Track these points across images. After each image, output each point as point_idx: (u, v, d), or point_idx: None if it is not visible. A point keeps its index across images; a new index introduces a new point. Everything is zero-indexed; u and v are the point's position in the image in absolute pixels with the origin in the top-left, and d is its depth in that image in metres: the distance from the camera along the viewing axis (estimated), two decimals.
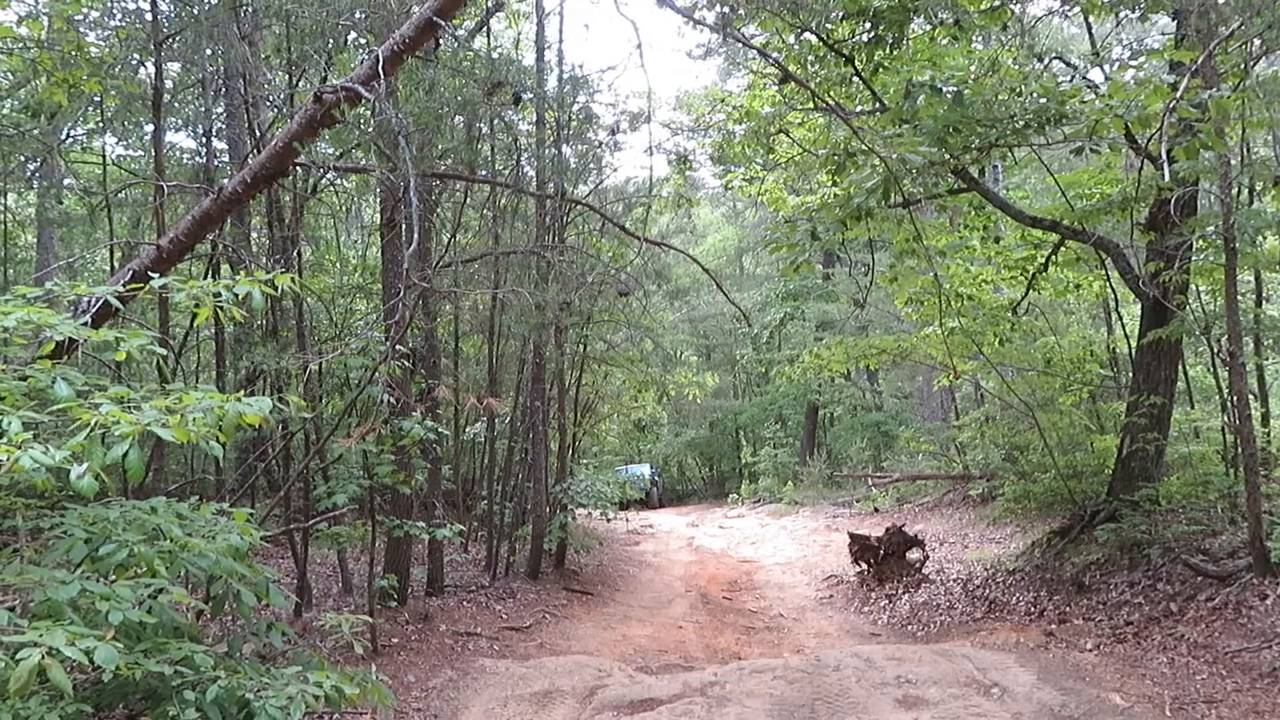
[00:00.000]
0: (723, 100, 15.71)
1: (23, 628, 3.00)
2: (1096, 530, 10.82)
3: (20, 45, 9.51)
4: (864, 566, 13.74)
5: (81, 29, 10.50)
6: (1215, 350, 11.31)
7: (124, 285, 4.78)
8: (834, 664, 7.81)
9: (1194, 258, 10.58)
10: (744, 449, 35.06)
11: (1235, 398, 9.26)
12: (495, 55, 12.28)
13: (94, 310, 4.83)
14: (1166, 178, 6.35)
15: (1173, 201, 8.77)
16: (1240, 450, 10.49)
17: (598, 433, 21.98)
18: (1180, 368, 11.96)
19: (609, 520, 16.60)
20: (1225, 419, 11.77)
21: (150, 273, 4.76)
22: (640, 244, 11.31)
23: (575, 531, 14.45)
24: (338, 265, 16.37)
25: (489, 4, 12.71)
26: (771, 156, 14.67)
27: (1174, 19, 10.30)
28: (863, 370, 25.84)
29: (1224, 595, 8.29)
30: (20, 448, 3.04)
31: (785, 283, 28.11)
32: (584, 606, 12.24)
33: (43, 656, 2.74)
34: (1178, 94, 6.34)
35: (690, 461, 40.31)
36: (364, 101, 5.47)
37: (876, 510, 21.13)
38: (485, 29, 13.48)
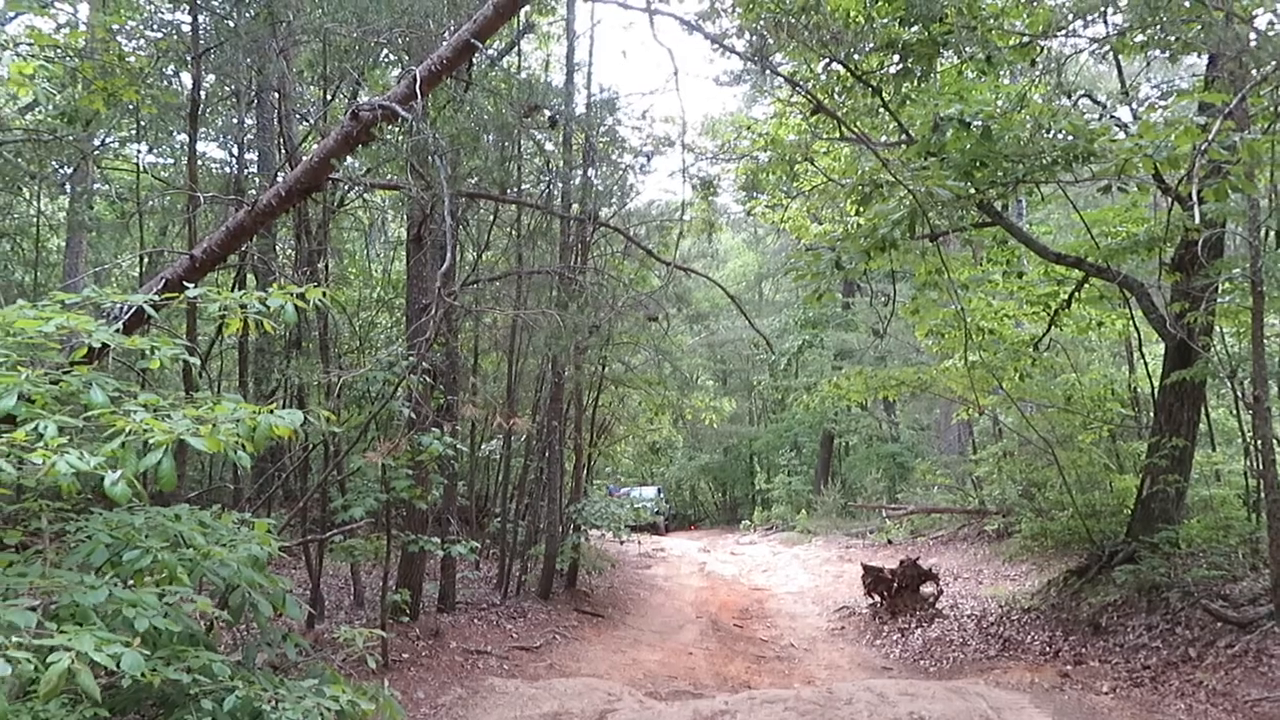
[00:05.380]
0: (749, 127, 15.79)
1: (50, 631, 3.02)
2: (1114, 571, 10.71)
3: (59, 53, 9.66)
4: (877, 599, 13.64)
5: (120, 38, 10.68)
6: (1239, 393, 11.22)
7: (157, 293, 4.83)
8: (846, 697, 7.74)
9: (1220, 300, 10.52)
10: (758, 475, 34.95)
11: (1259, 442, 9.18)
12: (525, 76, 12.42)
13: (126, 317, 4.89)
14: (1196, 219, 6.33)
15: (1200, 243, 8.74)
16: (1263, 495, 10.37)
17: (612, 454, 21.96)
18: (1203, 410, 11.87)
19: (621, 542, 16.57)
20: (1247, 463, 11.67)
21: (185, 282, 4.81)
22: (667, 268, 11.35)
23: (588, 553, 14.43)
24: (360, 279, 16.49)
25: (520, 25, 12.84)
26: (796, 184, 14.72)
27: (1210, 63, 10.30)
28: (880, 400, 25.75)
29: (1244, 642, 8.18)
30: (56, 452, 3.07)
31: (804, 310, 28.09)
32: (594, 628, 12.19)
33: (71, 661, 2.76)
34: (1209, 136, 6.32)
35: (703, 486, 40.18)
36: (399, 120, 5.53)
37: (890, 542, 20.98)
38: (516, 50, 13.61)
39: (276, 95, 11.56)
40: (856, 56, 10.48)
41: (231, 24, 10.40)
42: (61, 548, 4.35)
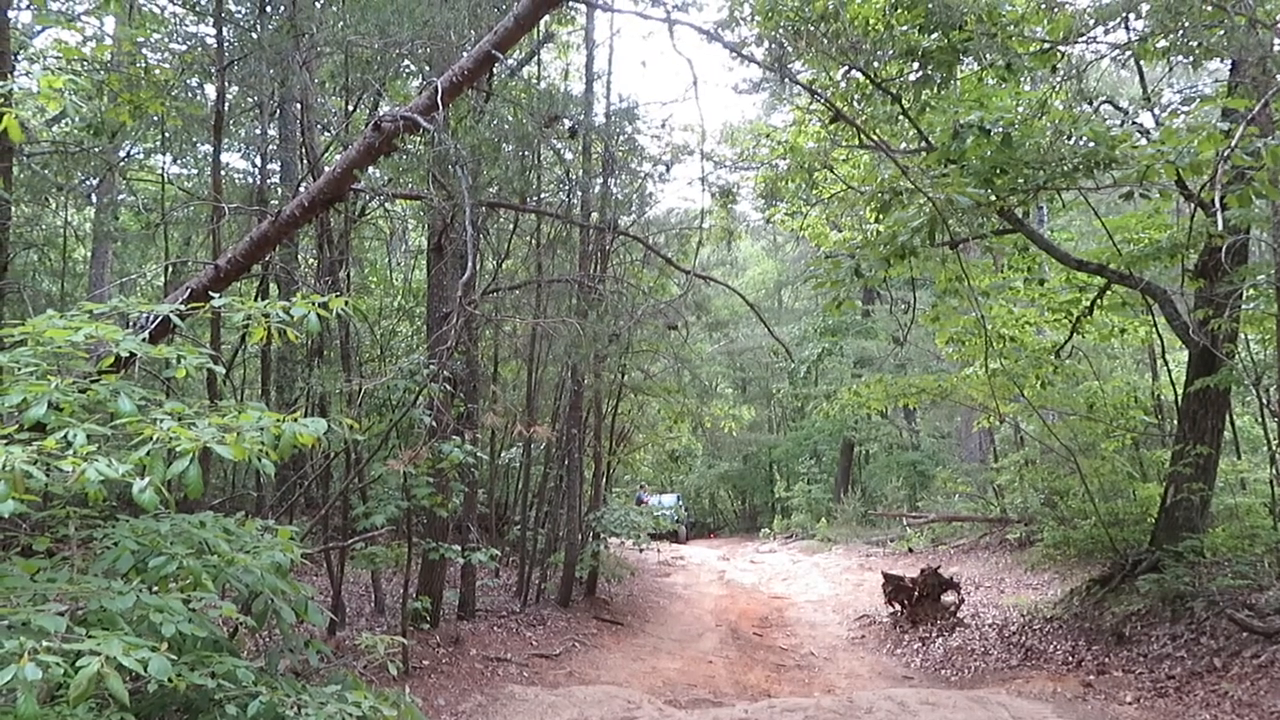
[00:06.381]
0: (768, 135, 15.81)
1: (79, 636, 3.06)
2: (1138, 580, 10.62)
3: (86, 66, 9.82)
4: (897, 607, 13.56)
5: (146, 52, 10.84)
6: (1264, 401, 11.11)
7: (183, 303, 4.90)
8: (867, 706, 7.71)
9: (1244, 306, 10.43)
10: (777, 483, 34.82)
11: None
12: (544, 86, 12.50)
13: (153, 326, 4.96)
14: (1219, 225, 6.29)
15: (1224, 249, 8.67)
16: None
17: (631, 462, 21.96)
18: (1227, 417, 11.75)
19: (641, 551, 16.58)
20: (1273, 471, 11.53)
21: (209, 291, 4.87)
22: (687, 276, 11.39)
23: (607, 560, 14.43)
24: (381, 288, 16.60)
25: (540, 36, 12.92)
26: (815, 192, 14.71)
27: (1233, 68, 10.24)
28: (900, 408, 25.64)
29: (1270, 652, 8.10)
30: (86, 460, 3.12)
31: (824, 318, 28.02)
32: (614, 636, 12.20)
33: (101, 665, 2.80)
34: (1233, 141, 6.28)
35: (723, 494, 40.09)
36: (421, 131, 5.58)
37: (911, 551, 20.86)
38: (536, 60, 13.70)
39: (299, 106, 11.69)
40: (876, 64, 10.48)
41: (255, 36, 10.53)
42: (89, 554, 4.41)
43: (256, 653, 6.74)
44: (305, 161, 11.77)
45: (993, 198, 8.68)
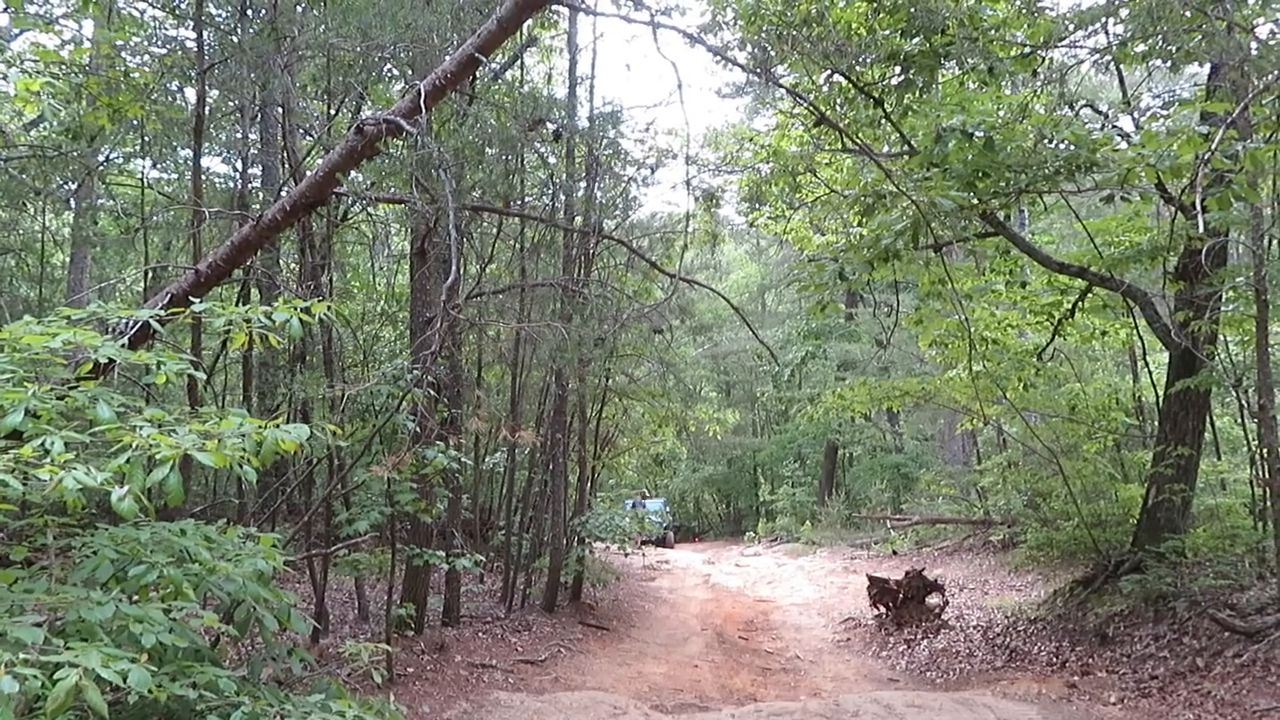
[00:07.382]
0: (751, 139, 15.83)
1: (57, 647, 3.01)
2: (1121, 581, 10.68)
3: (64, 69, 9.72)
4: (882, 610, 13.60)
5: (125, 55, 10.74)
6: (1244, 402, 11.19)
7: (163, 308, 4.84)
8: (853, 709, 7.71)
9: (1224, 308, 10.52)
10: (762, 487, 34.89)
11: (1265, 451, 9.16)
12: (528, 90, 12.47)
13: (132, 332, 4.89)
14: (1199, 228, 6.32)
15: (1204, 251, 8.74)
16: (1269, 504, 10.33)
17: (616, 466, 21.93)
18: (1208, 418, 11.84)
19: (626, 555, 16.53)
20: (1253, 472, 11.63)
21: (190, 297, 4.82)
22: (671, 280, 11.39)
23: (592, 565, 14.40)
24: (364, 292, 16.52)
25: (523, 40, 12.90)
26: (798, 196, 14.74)
27: (1212, 72, 10.34)
28: (883, 411, 25.73)
29: (1252, 652, 8.15)
30: (64, 468, 3.07)
31: (807, 321, 28.12)
32: (599, 641, 12.16)
33: (79, 677, 2.75)
34: (1213, 145, 6.33)
35: (707, 498, 40.13)
36: (404, 134, 5.55)
37: (895, 553, 20.93)
38: (519, 64, 13.67)
39: (280, 110, 11.61)
40: (859, 68, 10.52)
41: (235, 40, 10.46)
42: (67, 563, 4.34)
43: (239, 662, 6.67)
44: (287, 165, 11.69)
45: (975, 201, 8.72)
